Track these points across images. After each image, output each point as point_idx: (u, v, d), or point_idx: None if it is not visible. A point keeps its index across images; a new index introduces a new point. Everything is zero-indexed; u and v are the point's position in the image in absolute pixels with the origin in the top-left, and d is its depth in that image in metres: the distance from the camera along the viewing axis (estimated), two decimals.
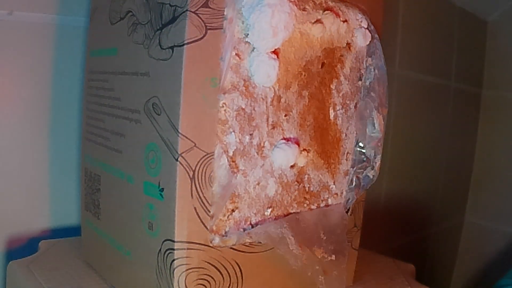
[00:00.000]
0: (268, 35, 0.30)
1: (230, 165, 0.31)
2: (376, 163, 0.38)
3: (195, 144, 0.29)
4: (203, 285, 0.31)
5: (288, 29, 0.32)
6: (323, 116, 0.36)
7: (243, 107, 0.31)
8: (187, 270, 0.30)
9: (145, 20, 0.31)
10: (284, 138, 0.34)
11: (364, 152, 0.38)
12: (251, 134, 0.32)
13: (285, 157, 0.34)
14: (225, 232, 0.32)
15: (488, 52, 1.02)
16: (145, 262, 0.32)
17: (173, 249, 0.29)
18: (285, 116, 0.33)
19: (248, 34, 0.30)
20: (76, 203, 0.49)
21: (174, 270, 0.30)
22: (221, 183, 0.31)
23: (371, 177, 0.38)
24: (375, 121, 0.37)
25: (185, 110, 0.28)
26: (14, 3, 0.43)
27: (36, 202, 0.47)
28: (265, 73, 0.32)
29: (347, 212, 0.39)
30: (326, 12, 0.34)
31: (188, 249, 0.30)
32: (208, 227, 0.31)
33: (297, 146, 0.35)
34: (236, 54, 0.30)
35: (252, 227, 0.33)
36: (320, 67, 0.35)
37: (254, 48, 0.31)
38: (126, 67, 0.34)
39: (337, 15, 0.35)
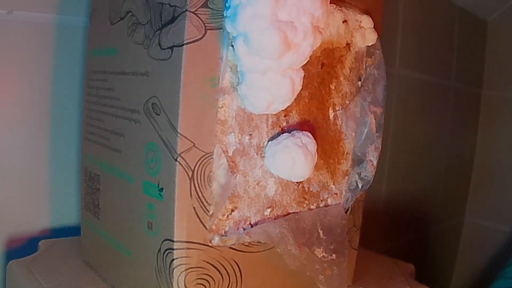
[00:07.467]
0: (266, 50, 0.19)
1: (229, 165, 0.31)
2: (373, 163, 0.38)
3: (194, 144, 0.29)
4: (203, 284, 0.31)
5: (321, 27, 0.19)
6: (323, 116, 0.36)
7: (243, 107, 0.31)
8: (186, 269, 0.30)
9: (145, 20, 0.31)
10: (283, 128, 0.31)
11: (361, 152, 0.38)
12: (250, 135, 0.32)
13: (289, 160, 0.30)
14: (225, 232, 0.32)
15: (488, 52, 1.02)
16: (144, 261, 0.32)
17: (173, 249, 0.29)
18: (285, 116, 0.33)
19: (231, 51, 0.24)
20: (76, 203, 0.49)
21: (173, 270, 0.30)
22: (220, 183, 0.31)
23: (370, 177, 0.38)
24: (367, 120, 0.37)
25: (184, 110, 0.28)
26: (14, 3, 0.43)
27: (36, 202, 0.47)
28: (264, 98, 0.23)
29: (346, 211, 0.39)
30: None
31: (187, 248, 0.30)
32: (208, 227, 0.31)
33: (311, 140, 0.29)
34: None
35: (252, 227, 0.33)
36: (319, 67, 0.35)
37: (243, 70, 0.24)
38: (125, 67, 0.34)
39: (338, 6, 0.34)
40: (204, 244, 0.31)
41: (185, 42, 0.28)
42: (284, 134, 0.32)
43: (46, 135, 0.47)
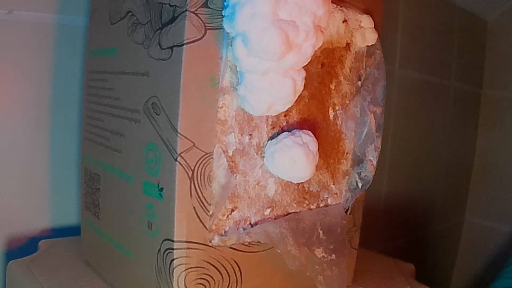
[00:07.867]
0: (267, 51, 0.18)
1: (229, 165, 0.31)
2: (373, 162, 0.38)
3: (194, 144, 0.29)
4: (203, 284, 0.31)
5: (323, 27, 0.18)
6: (323, 116, 0.36)
7: (242, 108, 0.31)
8: (186, 269, 0.30)
9: (145, 20, 0.31)
10: (283, 128, 0.31)
11: (361, 152, 0.38)
12: (250, 134, 0.32)
13: (289, 160, 0.29)
14: (225, 232, 0.32)
15: (488, 52, 1.02)
16: (144, 261, 0.32)
17: (173, 249, 0.29)
18: (285, 116, 0.33)
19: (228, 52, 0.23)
20: (76, 203, 0.49)
21: (173, 270, 0.30)
22: (220, 183, 0.31)
23: (370, 177, 0.38)
24: (366, 120, 0.37)
25: (184, 110, 0.28)
26: (14, 2, 0.43)
27: (36, 202, 0.47)
28: (264, 100, 0.22)
29: (346, 211, 0.39)
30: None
31: (187, 248, 0.30)
32: (208, 227, 0.31)
33: (312, 139, 0.28)
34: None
35: (252, 226, 0.33)
36: (319, 67, 0.35)
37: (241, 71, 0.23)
38: (125, 67, 0.34)
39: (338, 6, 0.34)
40: (204, 244, 0.31)
41: (185, 42, 0.28)
42: (284, 133, 0.32)
43: (46, 135, 0.47)
